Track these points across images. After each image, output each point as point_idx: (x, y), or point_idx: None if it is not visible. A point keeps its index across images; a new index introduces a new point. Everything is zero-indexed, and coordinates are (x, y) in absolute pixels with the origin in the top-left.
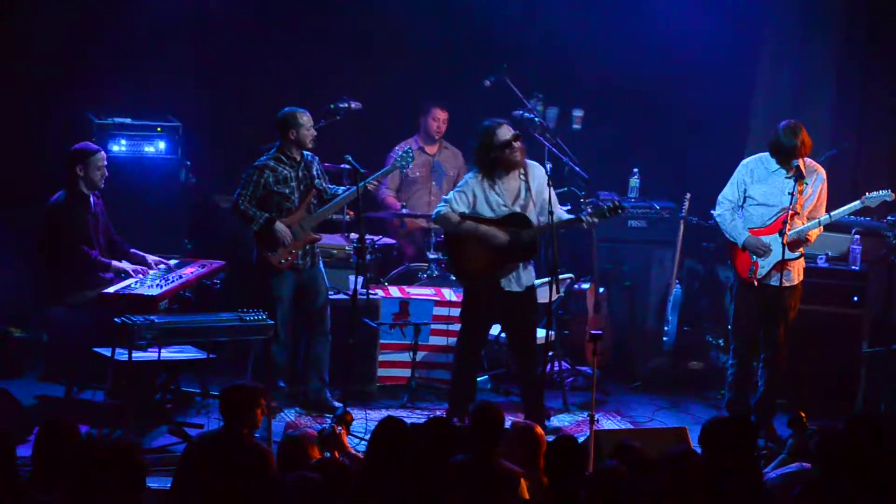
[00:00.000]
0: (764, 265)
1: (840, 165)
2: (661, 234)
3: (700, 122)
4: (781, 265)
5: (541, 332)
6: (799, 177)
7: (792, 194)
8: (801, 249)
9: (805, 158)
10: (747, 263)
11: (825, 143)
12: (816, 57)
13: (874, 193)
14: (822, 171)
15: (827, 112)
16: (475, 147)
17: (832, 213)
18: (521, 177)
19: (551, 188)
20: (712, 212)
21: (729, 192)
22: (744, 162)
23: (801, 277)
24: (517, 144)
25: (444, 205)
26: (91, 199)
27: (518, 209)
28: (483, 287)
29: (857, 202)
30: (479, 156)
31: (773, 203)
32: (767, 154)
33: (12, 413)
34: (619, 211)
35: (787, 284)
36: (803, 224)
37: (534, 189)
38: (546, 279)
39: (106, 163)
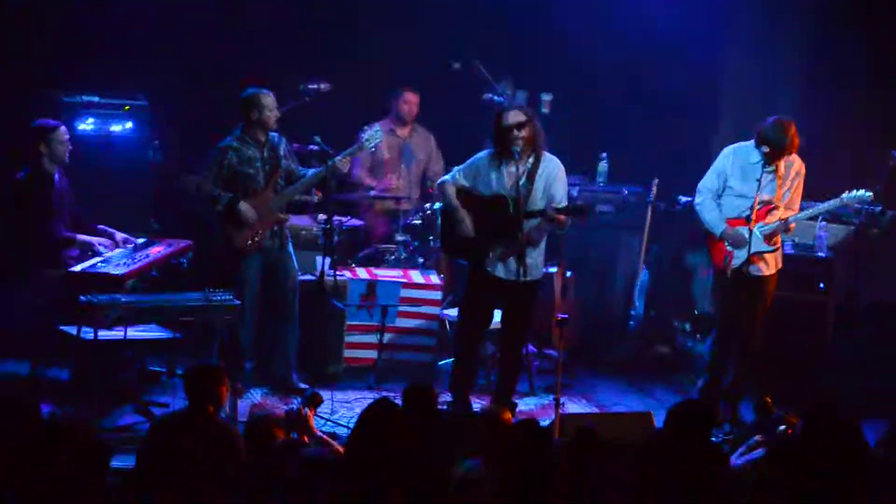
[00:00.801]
0: (738, 255)
1: (810, 154)
2: (629, 218)
3: (669, 106)
4: (749, 258)
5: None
6: (769, 161)
7: (759, 180)
8: (777, 241)
9: None
10: (722, 253)
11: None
12: (787, 41)
13: (854, 193)
14: (801, 164)
15: (796, 98)
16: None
17: (809, 211)
18: (528, 164)
19: (560, 184)
20: (683, 198)
21: (709, 181)
22: (725, 151)
23: (780, 265)
24: (520, 133)
25: (450, 175)
26: (56, 176)
27: (513, 194)
28: (474, 271)
29: (836, 200)
30: (492, 134)
31: (752, 195)
32: (750, 144)
33: None
34: (583, 214)
35: (766, 273)
36: (783, 215)
37: (540, 180)
38: None
39: (68, 136)
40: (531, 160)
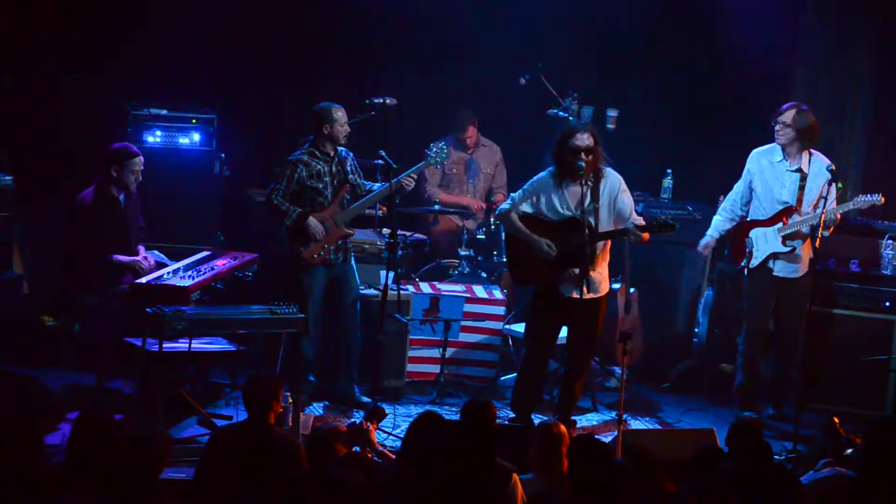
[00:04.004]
0: (757, 255)
1: (878, 167)
2: (694, 235)
3: (735, 123)
4: (768, 257)
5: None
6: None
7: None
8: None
9: (812, 151)
10: (742, 252)
11: (859, 152)
12: (854, 60)
13: (864, 197)
14: (828, 163)
15: (865, 111)
16: (555, 140)
17: (823, 210)
18: (589, 183)
19: (625, 196)
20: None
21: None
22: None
23: (807, 268)
24: (587, 157)
25: (508, 202)
26: (121, 198)
27: (579, 214)
28: (542, 291)
29: (848, 203)
30: (554, 151)
31: (774, 196)
32: (773, 146)
33: (42, 401)
34: (670, 230)
35: (799, 275)
36: (803, 217)
37: (604, 197)
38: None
39: (142, 168)
40: (591, 178)
